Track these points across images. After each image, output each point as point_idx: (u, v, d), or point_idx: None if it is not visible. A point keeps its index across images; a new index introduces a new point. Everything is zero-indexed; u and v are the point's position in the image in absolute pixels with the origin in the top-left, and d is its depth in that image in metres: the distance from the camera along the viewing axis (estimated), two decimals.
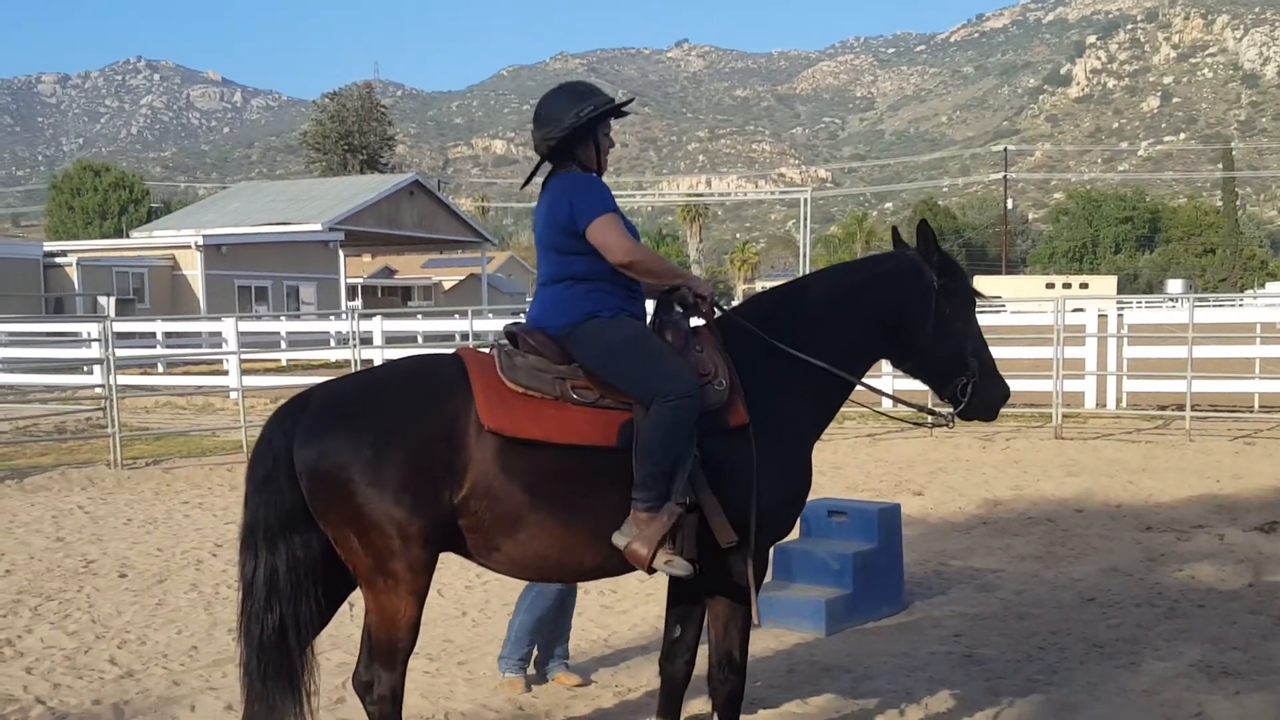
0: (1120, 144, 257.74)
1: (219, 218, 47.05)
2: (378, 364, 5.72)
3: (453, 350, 4.45)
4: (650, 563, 4.13)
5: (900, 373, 5.02)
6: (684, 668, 4.73)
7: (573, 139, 4.42)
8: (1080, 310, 18.76)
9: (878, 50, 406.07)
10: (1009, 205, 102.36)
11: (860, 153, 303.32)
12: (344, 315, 31.21)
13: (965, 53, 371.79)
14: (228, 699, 5.63)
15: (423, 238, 51.76)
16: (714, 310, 4.57)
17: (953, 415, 4.85)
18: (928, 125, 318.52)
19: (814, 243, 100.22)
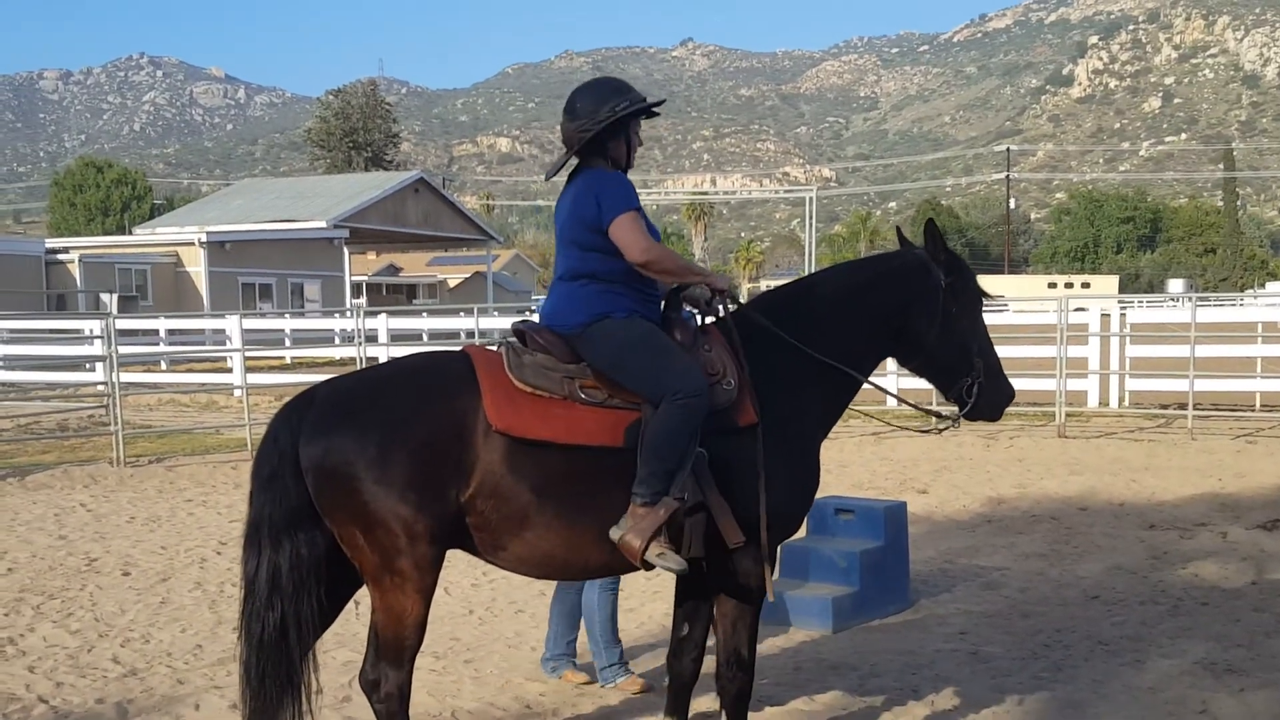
0: (1122, 144, 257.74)
1: (223, 215, 46.92)
2: (383, 361, 5.71)
3: (459, 348, 4.43)
4: (643, 555, 4.12)
5: (905, 372, 5.02)
6: (692, 665, 4.72)
7: (607, 133, 4.40)
8: (1083, 309, 18.71)
9: (881, 50, 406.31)
10: (1012, 205, 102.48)
11: (864, 152, 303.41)
12: (349, 313, 31.17)
13: (968, 53, 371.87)
14: (232, 698, 5.61)
15: (427, 235, 51.62)
16: (728, 305, 4.54)
17: (957, 417, 4.85)
18: (931, 125, 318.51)
19: (818, 242, 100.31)
